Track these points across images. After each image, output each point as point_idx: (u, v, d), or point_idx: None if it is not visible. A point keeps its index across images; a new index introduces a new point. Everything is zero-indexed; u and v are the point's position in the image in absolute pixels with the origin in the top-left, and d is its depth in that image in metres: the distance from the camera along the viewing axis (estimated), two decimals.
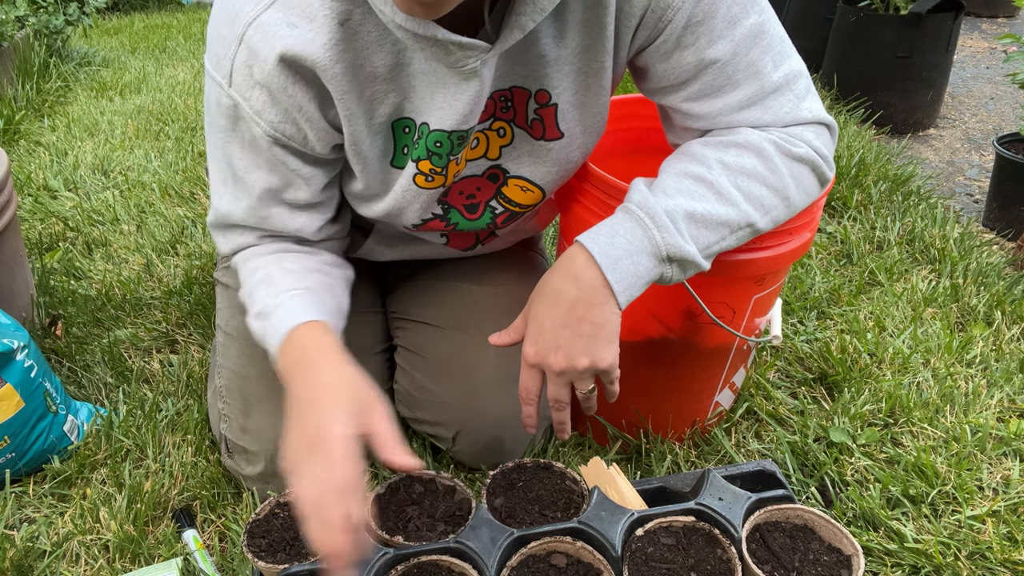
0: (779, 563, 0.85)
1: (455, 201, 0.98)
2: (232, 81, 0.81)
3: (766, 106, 0.85)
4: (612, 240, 0.80)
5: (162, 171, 2.26)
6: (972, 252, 1.75)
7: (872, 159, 2.16)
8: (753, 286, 1.03)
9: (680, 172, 0.84)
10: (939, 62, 2.57)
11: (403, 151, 0.90)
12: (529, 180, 0.96)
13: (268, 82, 0.79)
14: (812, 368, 1.39)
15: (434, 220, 0.99)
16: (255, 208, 0.91)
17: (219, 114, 0.85)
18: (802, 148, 0.85)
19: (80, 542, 1.05)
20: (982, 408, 1.27)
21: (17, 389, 1.08)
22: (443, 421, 1.11)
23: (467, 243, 1.11)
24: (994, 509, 1.07)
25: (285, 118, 0.83)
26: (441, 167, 0.89)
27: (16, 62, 3.01)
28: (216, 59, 0.82)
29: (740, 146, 0.84)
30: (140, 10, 5.23)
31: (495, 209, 1.00)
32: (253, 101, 0.81)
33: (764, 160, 0.83)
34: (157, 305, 1.58)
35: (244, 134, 0.86)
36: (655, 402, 1.16)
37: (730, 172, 0.83)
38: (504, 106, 0.89)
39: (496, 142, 0.93)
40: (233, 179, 0.90)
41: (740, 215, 0.82)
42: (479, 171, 0.95)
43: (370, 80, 0.82)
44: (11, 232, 1.38)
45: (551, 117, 0.89)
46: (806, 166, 0.86)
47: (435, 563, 0.85)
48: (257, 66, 0.79)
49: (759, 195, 0.83)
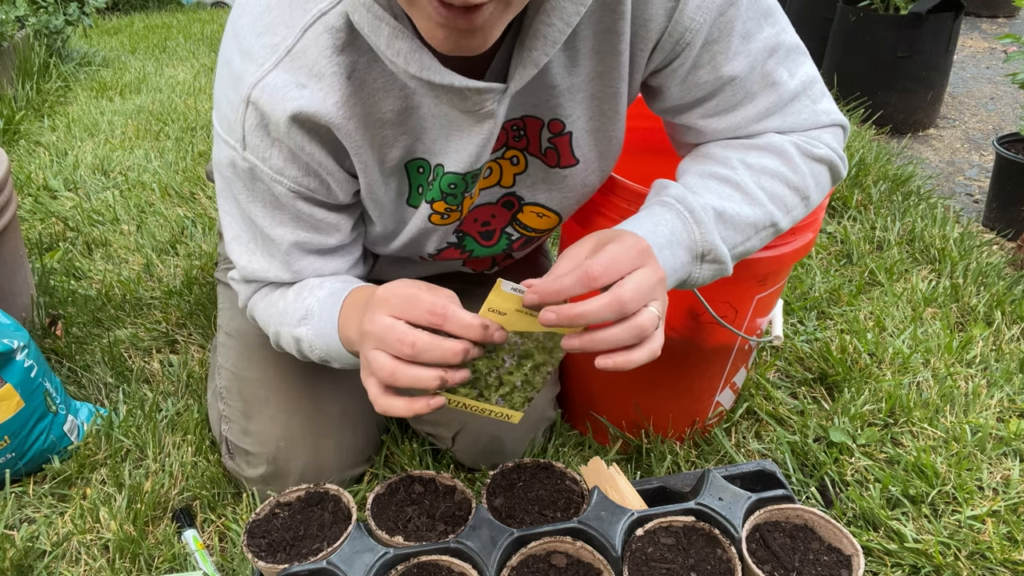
0: (779, 563, 0.85)
1: (470, 229, 0.97)
2: (247, 144, 0.79)
3: (785, 114, 0.84)
4: (656, 229, 0.77)
5: (162, 171, 2.26)
6: (972, 252, 1.75)
7: (872, 159, 2.16)
8: (755, 286, 1.03)
9: (704, 173, 0.82)
10: (939, 62, 2.57)
11: (418, 191, 0.88)
12: (545, 206, 0.94)
13: (284, 140, 0.78)
14: (812, 368, 1.39)
15: (450, 248, 0.98)
16: (287, 263, 0.88)
17: (235, 177, 0.83)
18: (822, 149, 0.85)
19: (80, 542, 1.05)
20: (982, 408, 1.27)
21: (17, 389, 1.08)
22: (442, 420, 1.11)
23: (484, 266, 1.10)
24: (994, 509, 1.07)
25: (307, 172, 0.81)
26: (456, 205, 0.88)
27: (16, 62, 3.01)
28: (227, 122, 0.79)
29: (761, 148, 0.84)
30: (140, 10, 5.24)
31: (511, 235, 0.99)
32: (272, 161, 0.79)
33: (786, 161, 0.83)
34: (157, 305, 1.58)
35: (264, 194, 0.83)
36: (656, 401, 1.16)
37: (753, 173, 0.82)
38: (517, 135, 0.87)
39: (509, 170, 0.91)
40: (260, 238, 0.88)
41: (765, 215, 0.82)
42: (493, 199, 0.94)
43: (379, 126, 0.80)
44: (11, 232, 1.38)
45: (566, 145, 0.88)
46: (824, 166, 0.86)
47: (435, 563, 0.85)
48: (271, 126, 0.77)
49: (782, 195, 0.83)
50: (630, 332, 0.68)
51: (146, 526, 1.06)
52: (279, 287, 0.92)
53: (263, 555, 0.88)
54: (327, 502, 0.95)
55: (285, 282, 0.90)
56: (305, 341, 0.86)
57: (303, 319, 0.85)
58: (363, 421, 1.12)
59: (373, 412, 1.14)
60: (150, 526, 1.07)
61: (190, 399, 1.30)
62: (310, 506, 0.95)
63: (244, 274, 0.92)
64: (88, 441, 1.20)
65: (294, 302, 0.87)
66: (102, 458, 1.18)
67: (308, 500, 0.96)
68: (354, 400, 1.10)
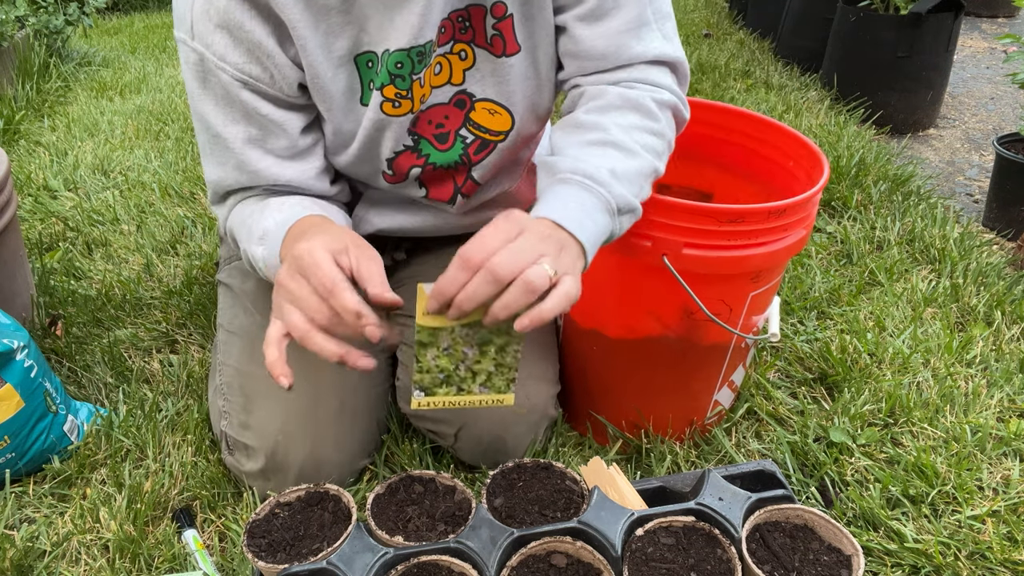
0: (779, 563, 0.85)
1: (424, 131, 1.00)
2: (194, 33, 0.84)
3: (640, 35, 0.93)
4: (566, 206, 0.81)
5: (162, 171, 2.26)
6: (972, 252, 1.75)
7: (872, 159, 2.16)
8: (748, 283, 1.03)
9: (583, 143, 0.88)
10: (939, 62, 2.57)
11: (369, 86, 0.92)
12: (495, 101, 0.98)
13: (226, 21, 0.82)
14: (812, 368, 1.39)
15: (406, 152, 1.00)
16: (242, 164, 0.92)
17: (189, 74, 0.88)
18: (666, 94, 0.94)
19: (80, 542, 1.05)
20: (982, 408, 1.27)
21: (17, 389, 1.08)
22: (445, 418, 1.12)
23: (447, 193, 1.10)
24: (994, 509, 1.07)
25: (249, 58, 0.85)
26: (405, 89, 0.92)
27: (16, 62, 3.01)
28: (179, 19, 0.85)
29: (620, 107, 0.91)
30: (140, 10, 5.23)
31: (465, 138, 1.02)
32: (216, 46, 0.84)
33: (648, 114, 0.91)
34: (157, 305, 1.58)
35: (215, 88, 0.88)
36: (654, 400, 1.16)
37: (625, 130, 0.89)
38: (463, 27, 0.92)
39: (459, 66, 0.95)
40: (213, 141, 0.92)
41: (647, 163, 0.89)
42: (446, 98, 0.98)
43: (324, 13, 0.85)
44: (11, 232, 1.38)
45: (509, 29, 0.92)
46: (670, 109, 0.95)
47: (435, 563, 0.85)
48: (213, 7, 0.82)
49: (653, 144, 0.91)
50: (519, 291, 0.72)
51: (146, 526, 1.07)
52: (249, 200, 0.95)
53: (263, 555, 0.89)
54: (327, 502, 0.95)
55: (245, 187, 0.94)
56: (260, 261, 0.90)
57: (261, 238, 0.89)
58: (362, 415, 1.12)
59: (373, 407, 1.15)
60: (150, 526, 1.07)
61: (190, 399, 1.30)
62: (310, 506, 0.95)
63: (210, 188, 0.96)
64: (88, 441, 1.20)
65: (258, 219, 0.91)
66: (102, 458, 1.18)
67: (308, 500, 0.96)
68: (353, 394, 1.10)
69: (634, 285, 1.06)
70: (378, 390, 1.17)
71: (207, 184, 0.97)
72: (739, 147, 1.24)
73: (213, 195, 0.98)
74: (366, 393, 1.13)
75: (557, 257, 0.75)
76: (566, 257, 0.76)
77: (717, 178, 1.28)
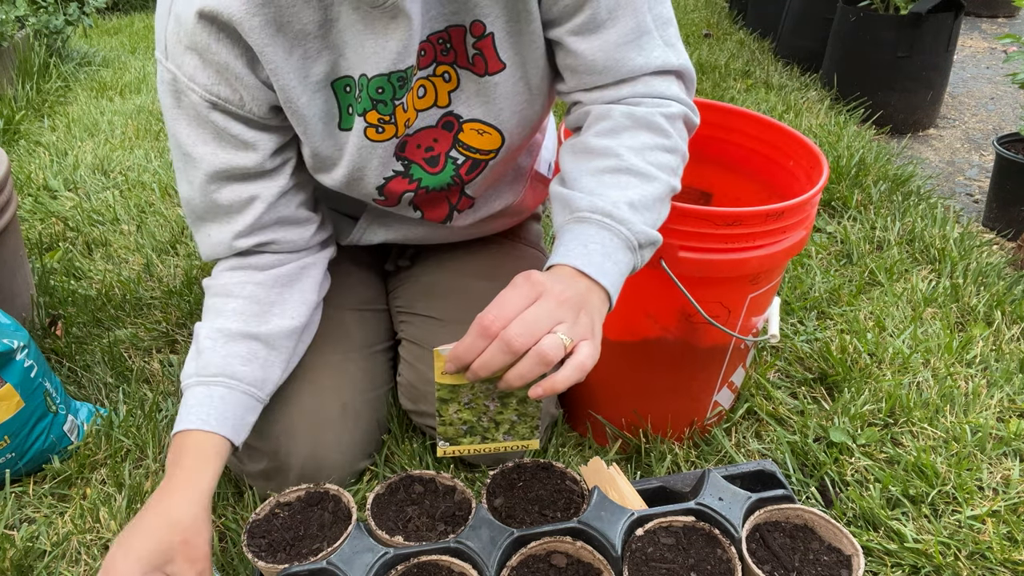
0: (779, 563, 0.85)
1: (415, 156, 0.99)
2: (168, 53, 0.85)
3: (640, 45, 0.89)
4: (587, 249, 0.81)
5: (162, 171, 2.26)
6: (972, 252, 1.75)
7: (872, 159, 2.16)
8: (747, 285, 1.03)
9: (596, 171, 0.87)
10: (939, 62, 2.57)
11: (348, 111, 0.91)
12: (483, 121, 0.97)
13: (194, 43, 0.82)
14: (812, 368, 1.39)
15: (397, 178, 0.99)
16: (206, 184, 0.92)
17: (164, 93, 0.88)
18: (674, 106, 0.91)
19: (80, 542, 1.05)
20: (982, 408, 1.27)
21: (17, 389, 1.08)
22: None
23: (442, 213, 1.10)
24: (994, 509, 1.07)
25: (218, 80, 0.85)
26: (388, 114, 0.91)
27: (16, 62, 3.01)
28: (157, 38, 0.86)
29: (629, 128, 0.89)
30: (140, 10, 5.23)
31: (456, 160, 1.01)
32: (186, 67, 0.84)
33: (659, 131, 0.89)
34: (157, 305, 1.58)
35: (187, 109, 0.88)
36: (654, 401, 1.16)
37: (638, 153, 0.87)
38: (444, 48, 0.91)
39: (443, 88, 0.94)
40: (184, 160, 0.92)
41: (663, 186, 0.87)
42: (433, 121, 0.97)
43: (300, 38, 0.84)
44: (11, 232, 1.38)
45: (490, 48, 0.91)
46: (680, 120, 0.93)
47: (435, 563, 0.85)
48: (183, 29, 0.82)
49: (668, 162, 0.89)
50: (533, 362, 0.73)
51: None
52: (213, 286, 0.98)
53: (263, 555, 0.89)
54: (327, 502, 0.95)
55: (211, 218, 0.95)
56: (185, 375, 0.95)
57: (195, 356, 0.95)
58: (363, 416, 1.12)
59: (374, 408, 1.15)
60: None
61: None
62: (310, 506, 0.95)
63: (184, 207, 0.97)
64: (88, 441, 1.20)
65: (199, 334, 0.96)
66: (102, 458, 1.18)
67: (308, 500, 0.96)
68: (355, 396, 1.10)
69: (633, 288, 1.06)
70: (379, 391, 1.17)
71: (182, 202, 0.97)
72: (739, 147, 1.24)
73: (188, 215, 0.98)
74: (368, 394, 1.13)
75: (574, 324, 0.75)
76: (584, 319, 0.76)
77: (717, 177, 1.28)
